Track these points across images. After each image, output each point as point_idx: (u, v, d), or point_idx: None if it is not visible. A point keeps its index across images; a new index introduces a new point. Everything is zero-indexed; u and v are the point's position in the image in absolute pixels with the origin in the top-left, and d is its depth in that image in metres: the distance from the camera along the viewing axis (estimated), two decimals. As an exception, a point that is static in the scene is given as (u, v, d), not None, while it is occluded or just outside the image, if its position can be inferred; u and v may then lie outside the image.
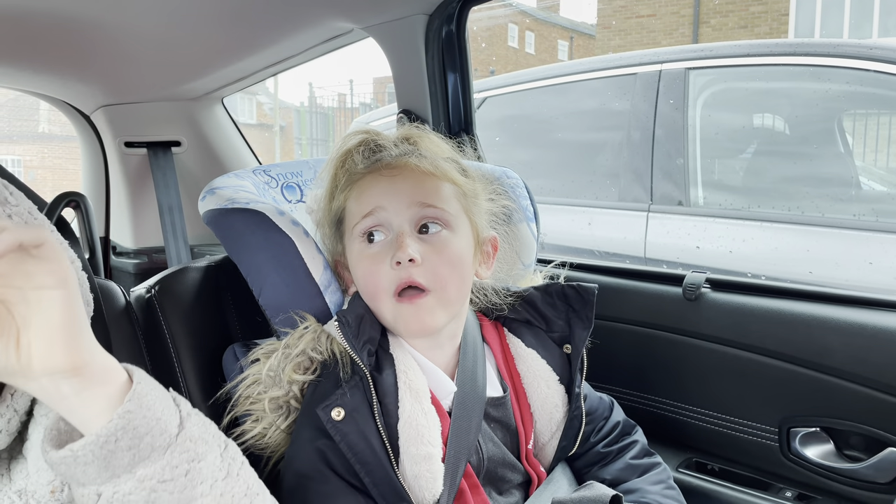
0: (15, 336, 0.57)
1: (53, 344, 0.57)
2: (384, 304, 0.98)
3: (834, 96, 2.64)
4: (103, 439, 0.59)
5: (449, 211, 1.00)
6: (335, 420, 0.92)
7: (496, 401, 1.06)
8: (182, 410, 0.66)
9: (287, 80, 63.22)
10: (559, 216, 2.96)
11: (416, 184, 1.00)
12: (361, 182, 1.02)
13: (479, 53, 18.15)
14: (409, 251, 0.94)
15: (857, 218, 2.48)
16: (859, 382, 1.24)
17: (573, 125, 3.24)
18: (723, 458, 1.44)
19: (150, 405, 0.62)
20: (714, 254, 2.57)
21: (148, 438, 0.61)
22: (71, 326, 0.58)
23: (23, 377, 0.58)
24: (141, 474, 0.60)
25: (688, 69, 2.80)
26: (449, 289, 0.98)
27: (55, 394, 0.59)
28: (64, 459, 0.59)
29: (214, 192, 1.14)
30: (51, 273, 0.57)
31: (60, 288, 0.58)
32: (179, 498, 0.62)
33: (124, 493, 0.60)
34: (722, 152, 2.98)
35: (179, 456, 0.62)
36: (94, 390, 0.60)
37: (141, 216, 2.17)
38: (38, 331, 0.57)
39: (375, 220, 0.99)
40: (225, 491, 0.66)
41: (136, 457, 0.60)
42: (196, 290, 1.22)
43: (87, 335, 0.60)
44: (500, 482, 1.05)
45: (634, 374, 1.53)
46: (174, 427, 0.63)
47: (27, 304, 0.57)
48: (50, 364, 0.57)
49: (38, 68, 1.81)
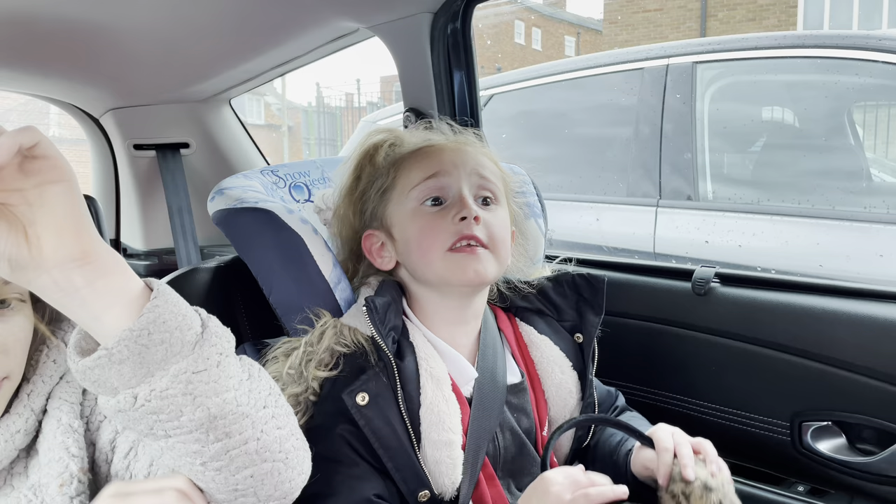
0: (23, 232, 0.58)
1: (62, 233, 0.59)
2: (436, 256, 1.00)
3: (843, 88, 2.62)
4: (136, 333, 0.59)
5: (499, 187, 1.07)
6: (360, 405, 0.94)
7: (515, 387, 1.08)
8: (202, 313, 0.67)
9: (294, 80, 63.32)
10: (567, 212, 2.96)
11: (475, 156, 1.07)
12: (418, 152, 1.07)
13: (485, 51, 18.13)
14: (475, 209, 1.00)
15: (868, 210, 2.46)
16: (871, 376, 1.24)
17: (580, 121, 3.24)
18: (734, 453, 1.43)
19: (175, 301, 0.63)
20: (723, 248, 2.56)
21: (178, 333, 0.62)
22: (76, 216, 0.60)
23: (34, 270, 0.58)
24: (175, 369, 0.61)
25: (695, 63, 2.79)
26: (501, 250, 1.03)
27: (68, 286, 0.59)
28: (98, 361, 0.60)
29: (223, 192, 1.15)
30: (50, 168, 0.58)
31: (62, 181, 0.59)
32: (215, 387, 0.63)
33: (161, 389, 0.61)
34: (731, 146, 2.97)
35: (209, 349, 0.64)
36: (106, 279, 0.61)
37: (151, 218, 2.18)
38: (45, 224, 0.58)
39: (438, 184, 1.03)
40: (252, 388, 0.67)
41: (169, 351, 0.61)
42: (206, 291, 1.23)
43: (91, 227, 0.61)
44: (518, 475, 1.06)
45: (644, 370, 1.53)
46: (198, 325, 0.64)
47: (28, 204, 0.58)
48: (61, 253, 0.58)
49: (47, 72, 1.82)
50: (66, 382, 0.78)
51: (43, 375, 0.76)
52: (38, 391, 0.75)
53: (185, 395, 0.62)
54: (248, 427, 0.66)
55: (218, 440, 0.64)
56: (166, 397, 0.61)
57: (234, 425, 0.65)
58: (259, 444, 0.67)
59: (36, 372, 0.76)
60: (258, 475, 0.67)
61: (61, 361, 0.78)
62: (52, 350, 0.78)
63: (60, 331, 0.80)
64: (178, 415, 0.62)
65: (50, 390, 0.77)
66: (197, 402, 0.62)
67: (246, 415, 0.65)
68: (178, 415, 0.62)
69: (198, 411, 0.62)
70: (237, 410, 0.65)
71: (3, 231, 0.57)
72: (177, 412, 0.62)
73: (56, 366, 0.77)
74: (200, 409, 0.62)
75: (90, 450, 0.77)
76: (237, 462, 0.66)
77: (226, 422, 0.64)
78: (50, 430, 0.74)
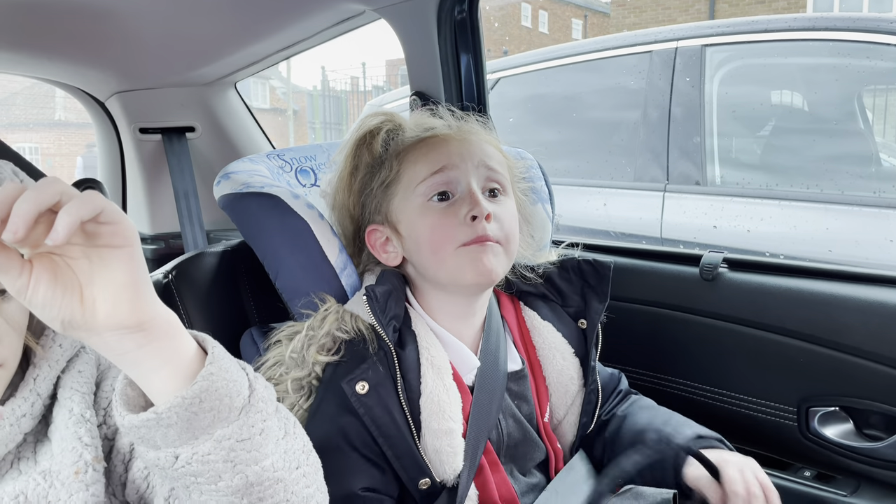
0: (78, 291, 0.57)
1: (119, 301, 0.58)
2: (448, 253, 0.99)
3: (854, 72, 2.60)
4: (188, 401, 0.59)
5: (506, 177, 1.06)
6: (360, 394, 0.94)
7: (516, 374, 1.08)
8: (249, 374, 0.67)
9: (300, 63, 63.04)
10: (574, 197, 2.95)
11: (481, 147, 1.05)
12: (422, 144, 1.04)
13: (492, 34, 18.00)
14: (486, 206, 0.98)
15: (878, 195, 2.44)
16: (879, 361, 1.23)
17: (587, 105, 3.21)
18: (741, 438, 1.43)
19: (228, 368, 0.63)
20: (732, 233, 2.55)
21: (227, 400, 0.62)
22: (136, 284, 0.59)
23: (86, 331, 0.58)
24: (219, 434, 0.61)
25: (704, 46, 2.76)
26: (512, 244, 1.03)
27: (118, 348, 0.59)
28: (146, 422, 0.59)
29: (229, 176, 1.15)
30: (114, 234, 0.57)
31: (125, 246, 0.58)
32: (256, 456, 0.63)
33: (203, 454, 0.61)
34: (740, 130, 2.94)
35: (254, 416, 0.64)
36: (157, 344, 0.60)
37: (157, 202, 2.18)
38: (103, 287, 0.58)
39: (445, 178, 1.01)
40: (287, 448, 0.68)
41: (216, 418, 0.61)
42: (213, 275, 1.23)
43: (150, 291, 0.61)
44: (521, 460, 1.06)
45: (651, 356, 1.52)
46: (246, 389, 0.64)
47: (89, 261, 0.57)
48: (115, 320, 0.58)
49: (52, 56, 1.81)
50: (78, 372, 0.77)
51: (49, 360, 0.76)
52: (44, 375, 0.75)
53: (226, 461, 0.62)
54: (280, 491, 0.66)
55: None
56: (207, 462, 0.61)
57: (268, 490, 0.65)
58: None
59: (42, 356, 0.76)
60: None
61: (67, 346, 0.78)
62: (58, 335, 0.77)
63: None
64: (217, 480, 0.62)
65: (57, 375, 0.77)
66: (237, 470, 0.62)
67: (280, 479, 0.66)
68: (216, 480, 0.62)
69: (236, 478, 0.63)
70: (273, 476, 0.65)
71: (58, 293, 0.56)
72: (215, 477, 0.62)
73: (62, 350, 0.77)
74: (239, 475, 0.63)
75: (105, 444, 0.77)
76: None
77: (262, 488, 0.64)
78: (62, 420, 0.74)
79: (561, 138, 3.27)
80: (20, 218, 0.52)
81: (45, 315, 0.57)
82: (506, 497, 1.02)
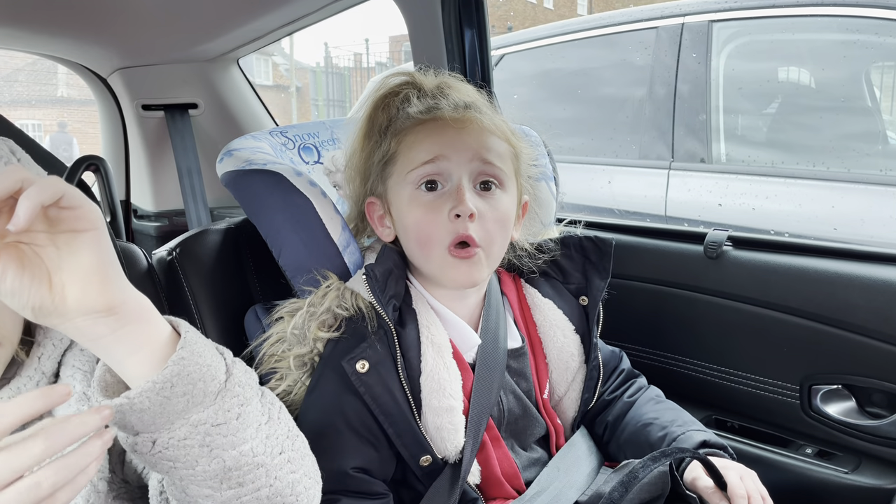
0: (47, 278, 0.57)
1: (88, 285, 0.58)
2: (435, 253, 0.99)
3: (862, 48, 2.56)
4: (159, 385, 0.60)
5: (504, 170, 1.02)
6: (360, 372, 0.94)
7: (516, 352, 1.08)
8: (227, 358, 0.67)
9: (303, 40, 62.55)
10: (579, 174, 2.93)
11: (479, 139, 1.00)
12: (421, 128, 1.01)
13: (497, 9, 17.81)
14: (470, 205, 0.96)
15: (884, 173, 2.43)
16: (882, 339, 1.23)
17: (594, 82, 3.19)
18: (743, 415, 1.44)
19: (201, 352, 0.63)
20: (737, 211, 2.53)
21: (201, 384, 0.62)
22: (103, 267, 0.59)
23: (58, 317, 0.58)
24: (195, 419, 0.62)
25: (711, 22, 2.73)
26: (495, 246, 1.00)
27: (91, 333, 0.59)
28: (120, 407, 0.60)
29: (232, 153, 1.14)
30: (77, 218, 0.57)
31: (90, 230, 0.58)
32: (233, 440, 0.64)
33: (179, 438, 0.62)
34: (746, 107, 2.92)
35: (230, 400, 0.64)
36: (130, 328, 0.60)
37: (160, 179, 2.18)
38: (71, 273, 0.58)
39: (436, 169, 0.99)
40: (270, 433, 0.68)
41: (190, 402, 0.61)
42: (216, 252, 1.23)
43: (119, 275, 0.60)
44: (522, 435, 1.07)
45: (655, 333, 1.53)
46: (222, 374, 0.65)
47: (56, 248, 0.57)
48: (85, 305, 0.58)
49: (54, 31, 1.80)
50: (80, 351, 0.78)
51: (53, 339, 0.76)
52: (48, 354, 0.75)
53: (202, 446, 0.62)
54: (261, 476, 0.66)
55: (230, 489, 0.65)
56: (184, 447, 0.62)
57: (248, 475, 0.65)
58: (271, 490, 0.67)
59: (46, 335, 0.76)
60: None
61: None
62: None
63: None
64: (194, 464, 0.63)
65: (62, 353, 0.77)
66: (213, 455, 0.63)
67: (261, 464, 0.66)
68: (193, 464, 0.63)
69: (213, 463, 0.63)
70: (252, 461, 0.65)
71: (26, 281, 0.56)
72: (192, 462, 0.62)
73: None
74: (216, 460, 0.63)
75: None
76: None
77: (240, 472, 0.65)
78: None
79: (566, 115, 3.25)
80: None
81: (14, 303, 0.57)
82: (508, 472, 1.03)
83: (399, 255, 1.06)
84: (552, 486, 1.03)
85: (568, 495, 1.03)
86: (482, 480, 1.01)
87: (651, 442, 1.08)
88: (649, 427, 1.10)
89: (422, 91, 1.05)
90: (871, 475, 1.24)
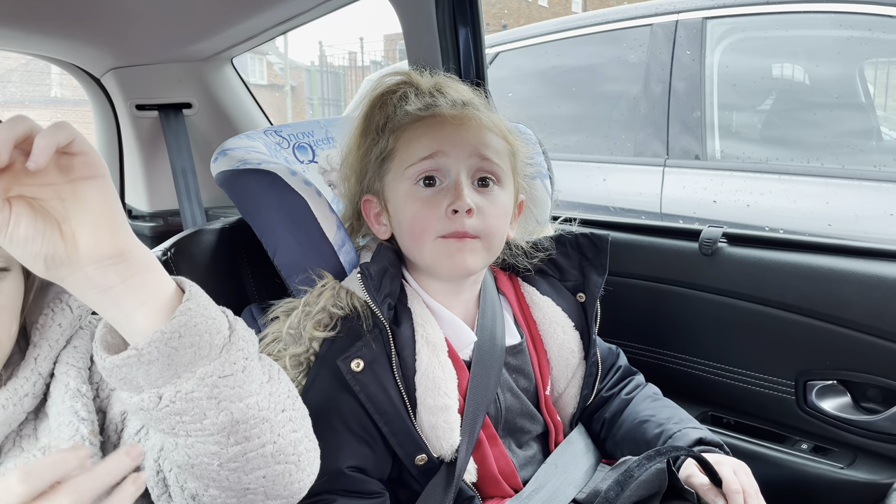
0: (57, 228, 0.58)
1: (98, 230, 0.58)
2: (426, 243, 0.99)
3: (856, 44, 2.57)
4: (167, 336, 0.60)
5: (502, 167, 1.02)
6: (355, 371, 0.94)
7: (514, 348, 1.08)
8: (228, 316, 0.67)
9: (297, 39, 62.36)
10: (573, 172, 2.93)
11: (478, 135, 1.01)
12: (419, 125, 1.02)
13: (491, 7, 17.80)
14: (468, 201, 0.96)
15: (878, 169, 2.43)
16: (877, 335, 1.24)
17: (590, 79, 3.19)
18: (739, 411, 1.44)
19: (206, 305, 0.64)
20: (732, 208, 2.54)
21: (207, 336, 0.62)
22: (112, 212, 0.60)
23: (69, 267, 0.58)
24: (202, 372, 0.62)
25: (705, 19, 2.73)
26: (494, 239, 1.01)
27: (102, 283, 0.59)
28: (127, 360, 0.60)
29: (226, 153, 1.14)
30: (86, 165, 0.58)
31: (97, 177, 0.59)
32: (240, 392, 0.64)
33: (187, 392, 0.61)
34: (740, 104, 2.92)
35: (235, 353, 0.64)
36: (140, 276, 0.61)
37: (155, 179, 2.17)
38: (81, 220, 0.58)
39: (434, 165, 0.99)
40: (272, 391, 0.68)
41: (197, 355, 0.62)
42: (211, 252, 1.23)
43: (126, 221, 0.61)
44: (519, 433, 1.07)
45: (650, 330, 1.53)
46: (226, 329, 0.65)
47: (61, 200, 0.58)
48: (97, 250, 0.58)
49: (47, 31, 1.79)
50: (74, 347, 0.78)
51: (49, 340, 0.76)
52: (44, 355, 0.75)
53: (209, 398, 0.62)
54: (266, 431, 0.67)
55: (238, 443, 0.65)
56: (191, 400, 0.62)
57: (255, 429, 0.65)
58: (275, 448, 0.68)
59: (42, 336, 0.76)
60: (270, 476, 0.68)
61: (66, 325, 0.78)
62: (57, 314, 0.78)
63: (63, 295, 0.80)
64: (202, 417, 0.63)
65: (57, 354, 0.77)
66: (221, 406, 0.63)
67: (266, 419, 0.66)
68: (201, 417, 0.63)
69: (221, 415, 0.63)
70: (258, 415, 0.65)
71: (38, 229, 0.57)
72: (200, 415, 0.62)
73: (61, 329, 0.77)
74: (224, 412, 0.63)
75: (99, 416, 0.78)
76: (252, 463, 0.67)
77: (247, 426, 0.65)
78: (58, 395, 0.75)
79: (560, 113, 3.25)
80: (1, 144, 0.53)
81: (28, 251, 0.57)
82: (504, 470, 1.03)
83: (395, 253, 1.06)
84: (549, 483, 1.03)
85: (565, 493, 1.03)
86: (479, 478, 1.01)
87: (647, 439, 1.08)
88: (645, 424, 1.10)
89: (419, 89, 1.05)
90: (867, 470, 1.25)
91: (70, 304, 0.79)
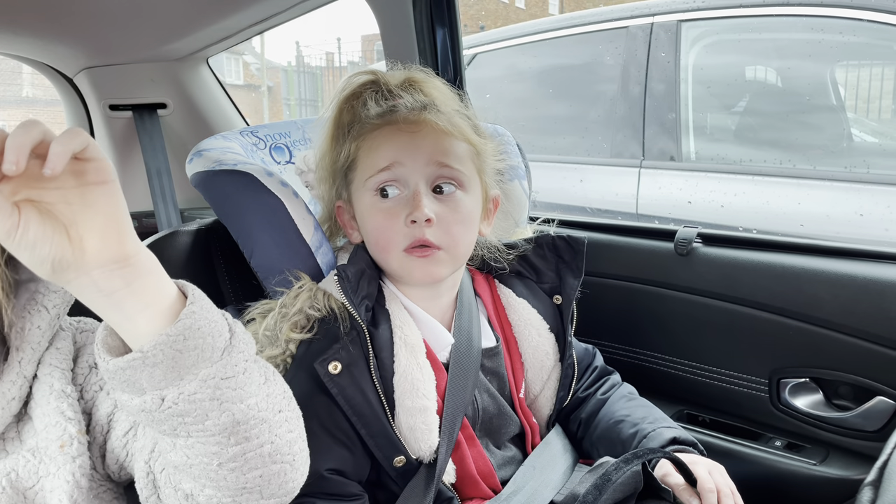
0: (65, 232, 0.58)
1: (107, 235, 0.59)
2: (393, 256, 0.99)
3: (827, 47, 2.61)
4: (173, 338, 0.60)
5: (463, 171, 1.01)
6: (332, 374, 0.93)
7: (490, 351, 1.08)
8: (228, 318, 0.68)
9: (273, 39, 61.95)
10: (551, 173, 2.95)
11: (435, 142, 1.00)
12: (377, 134, 1.01)
13: (468, 9, 17.83)
14: (426, 211, 0.96)
15: (849, 170, 2.48)
16: (848, 333, 1.26)
17: (563, 81, 3.21)
18: (714, 409, 1.46)
19: (209, 308, 0.64)
20: (706, 208, 2.57)
21: (210, 339, 0.63)
22: (120, 218, 0.60)
23: (76, 271, 0.59)
24: (204, 374, 0.62)
25: (680, 21, 2.76)
26: (459, 247, 1.00)
27: (106, 286, 0.59)
28: (131, 363, 0.60)
29: (202, 154, 1.13)
30: (98, 170, 0.59)
31: (108, 182, 0.59)
32: (241, 394, 0.65)
33: (189, 393, 0.62)
34: (714, 105, 2.96)
35: (237, 356, 0.65)
36: (143, 280, 0.61)
37: (129, 180, 2.15)
38: (89, 225, 0.58)
39: (392, 176, 0.99)
40: (269, 392, 0.69)
41: (200, 357, 0.62)
42: (187, 254, 1.21)
43: (132, 227, 0.61)
44: (496, 434, 1.07)
45: (626, 330, 1.54)
46: (227, 331, 0.66)
47: (68, 204, 0.58)
48: (105, 255, 0.59)
49: (17, 30, 1.76)
50: (56, 349, 0.78)
51: (31, 343, 0.76)
52: (28, 358, 0.75)
53: (212, 399, 0.63)
54: (265, 431, 0.67)
55: (237, 444, 0.65)
56: (194, 401, 0.62)
57: (254, 430, 0.66)
58: (273, 447, 0.68)
59: (24, 339, 0.76)
60: (266, 475, 0.69)
61: (45, 327, 0.77)
62: (34, 316, 0.77)
63: (38, 296, 0.79)
64: (204, 419, 0.63)
65: (40, 357, 0.76)
66: (223, 408, 0.63)
67: (264, 419, 0.67)
68: (203, 419, 0.63)
69: (223, 416, 0.63)
70: (258, 416, 0.66)
71: (47, 234, 0.57)
72: (203, 416, 0.63)
73: (41, 332, 0.77)
74: (226, 413, 0.64)
75: (85, 418, 0.77)
76: (251, 463, 0.67)
77: (247, 426, 0.65)
78: (42, 396, 0.74)
79: (536, 115, 3.27)
80: (18, 149, 0.54)
81: (36, 255, 0.57)
82: (483, 470, 1.03)
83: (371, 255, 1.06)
84: (528, 485, 1.03)
85: (543, 494, 1.03)
86: (457, 480, 1.01)
87: (622, 439, 1.09)
88: (621, 424, 1.11)
89: (380, 92, 1.05)
90: (839, 466, 1.27)
91: (45, 304, 0.78)
